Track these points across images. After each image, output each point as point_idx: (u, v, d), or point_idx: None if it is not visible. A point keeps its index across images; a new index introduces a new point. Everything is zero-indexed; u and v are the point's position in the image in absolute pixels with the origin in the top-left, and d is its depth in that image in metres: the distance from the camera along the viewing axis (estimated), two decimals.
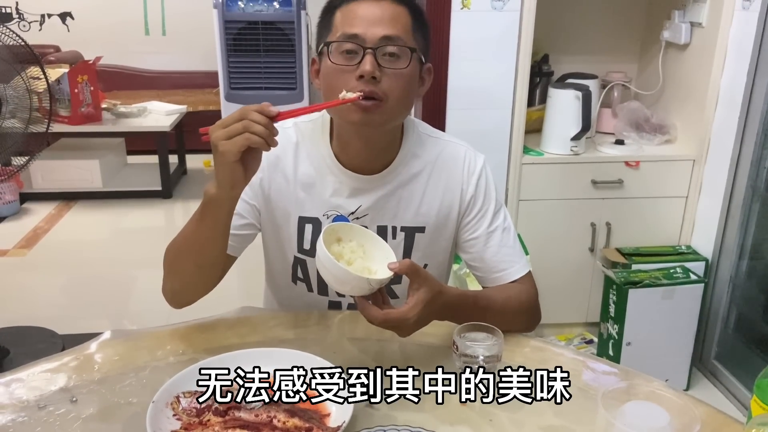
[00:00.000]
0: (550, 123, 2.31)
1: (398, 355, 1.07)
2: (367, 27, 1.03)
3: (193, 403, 0.88)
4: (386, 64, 1.04)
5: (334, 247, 1.03)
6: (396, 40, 1.04)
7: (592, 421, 0.91)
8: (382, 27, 1.04)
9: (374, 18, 1.04)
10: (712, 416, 0.91)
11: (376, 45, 1.03)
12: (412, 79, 1.09)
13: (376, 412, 0.92)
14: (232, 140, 0.91)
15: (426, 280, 0.98)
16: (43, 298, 2.92)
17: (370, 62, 1.02)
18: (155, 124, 4.01)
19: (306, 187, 1.18)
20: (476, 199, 1.20)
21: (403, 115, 1.15)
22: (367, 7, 1.05)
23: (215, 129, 0.93)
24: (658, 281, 2.16)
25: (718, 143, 2.25)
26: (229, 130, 0.91)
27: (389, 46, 1.04)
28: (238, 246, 1.22)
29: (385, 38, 1.03)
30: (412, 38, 1.07)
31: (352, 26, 1.04)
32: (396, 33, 1.04)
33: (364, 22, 1.04)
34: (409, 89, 1.09)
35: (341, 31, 1.05)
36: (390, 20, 1.05)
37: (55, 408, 0.91)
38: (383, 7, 1.05)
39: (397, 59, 1.05)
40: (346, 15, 1.06)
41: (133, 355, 1.03)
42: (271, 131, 0.93)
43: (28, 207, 3.94)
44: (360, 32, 1.03)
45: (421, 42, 1.09)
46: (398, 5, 1.06)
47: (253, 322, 1.15)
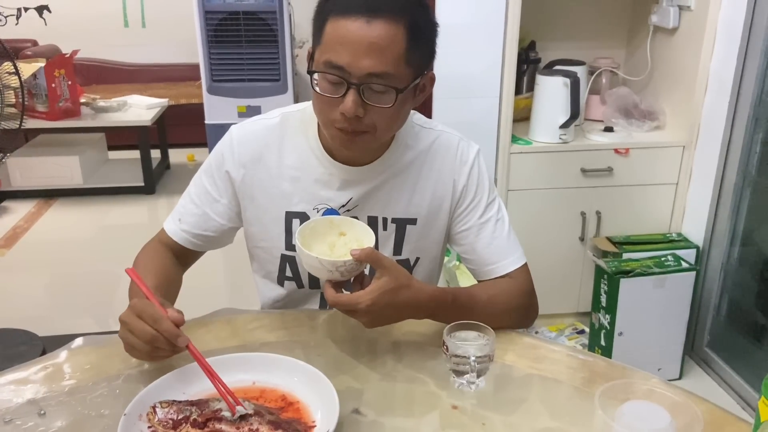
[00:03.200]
0: (538, 111, 2.27)
1: (387, 354, 1.02)
2: (354, 58, 0.94)
3: (170, 414, 0.83)
4: (371, 100, 0.97)
5: (332, 238, 1.01)
6: (382, 76, 0.95)
7: (589, 422, 0.87)
8: (369, 60, 0.94)
9: (362, 45, 0.94)
10: (713, 414, 0.87)
11: (360, 81, 0.95)
12: (399, 109, 1.01)
13: (363, 419, 0.87)
14: (134, 350, 0.91)
15: (388, 270, 0.95)
16: (23, 299, 2.85)
17: (352, 101, 0.96)
18: (136, 118, 3.93)
19: (292, 180, 1.13)
20: (468, 189, 1.15)
21: (393, 134, 1.10)
22: (358, 28, 0.94)
23: (127, 321, 0.91)
24: (649, 270, 2.13)
25: (708, 129, 2.22)
26: (135, 338, 0.90)
27: (374, 83, 0.96)
28: (204, 245, 1.20)
29: (371, 75, 0.95)
30: (405, 64, 0.96)
31: (338, 54, 0.95)
32: (383, 69, 0.95)
33: (351, 50, 0.94)
34: (396, 118, 1.03)
35: (328, 55, 0.96)
36: (380, 51, 0.94)
37: (22, 422, 0.86)
38: (374, 32, 0.94)
39: (383, 95, 0.97)
40: (336, 32, 0.95)
41: (105, 363, 0.98)
42: (175, 353, 0.92)
43: (7, 205, 3.85)
44: (345, 64, 0.94)
45: (417, 60, 0.98)
46: (393, 26, 0.94)
47: (233, 325, 1.10)
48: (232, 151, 1.14)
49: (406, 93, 0.99)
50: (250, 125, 1.16)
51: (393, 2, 0.95)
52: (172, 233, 1.18)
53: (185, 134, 4.69)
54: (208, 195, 1.16)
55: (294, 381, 0.91)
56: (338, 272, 0.94)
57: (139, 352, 0.91)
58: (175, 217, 1.19)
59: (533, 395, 0.94)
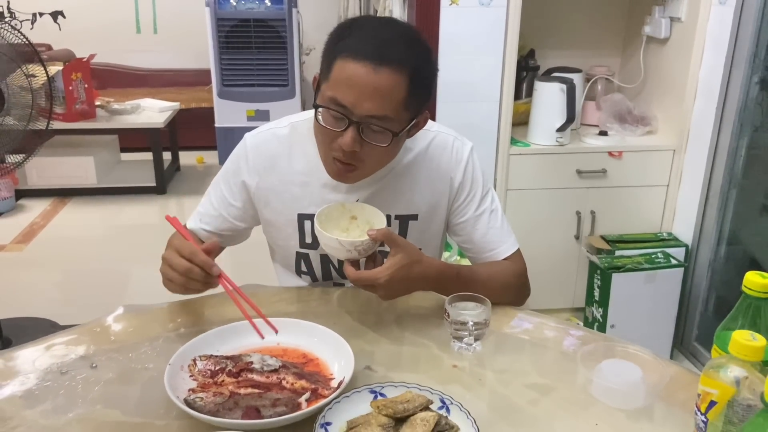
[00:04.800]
0: (536, 115, 2.40)
1: (394, 324, 1.14)
2: (358, 99, 1.02)
3: (209, 366, 0.95)
4: (368, 138, 1.06)
5: (344, 223, 1.13)
6: (382, 119, 1.04)
7: (573, 379, 1.00)
8: (372, 103, 1.02)
9: (367, 90, 1.01)
10: (680, 374, 1.00)
11: (361, 120, 1.03)
12: (393, 148, 1.12)
13: (374, 374, 1.00)
14: (172, 282, 1.06)
15: (403, 248, 1.07)
16: (41, 292, 2.97)
17: (351, 137, 1.04)
18: (149, 120, 4.06)
19: (303, 185, 1.24)
20: (464, 185, 1.26)
21: (382, 167, 1.20)
22: (365, 74, 1.01)
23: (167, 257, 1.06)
24: (640, 266, 2.25)
25: (696, 134, 2.35)
26: (173, 271, 1.04)
27: (373, 125, 1.04)
28: (224, 241, 1.30)
29: (372, 117, 1.03)
30: (404, 109, 1.05)
31: (344, 93, 1.02)
32: (383, 113, 1.03)
33: (356, 92, 1.02)
34: (389, 156, 1.15)
35: (334, 93, 1.03)
36: (382, 96, 1.02)
37: (76, 373, 0.98)
38: (380, 79, 1.01)
39: (380, 135, 1.06)
40: (344, 73, 1.02)
41: (146, 327, 1.11)
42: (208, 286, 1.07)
43: (24, 203, 3.98)
44: (349, 104, 1.02)
45: (415, 105, 1.08)
46: (397, 74, 1.02)
47: (257, 298, 1.21)
48: (246, 160, 1.24)
49: (401, 135, 1.10)
50: (263, 134, 1.26)
51: (401, 53, 1.03)
52: (193, 231, 1.28)
53: (195, 137, 4.83)
54: (224, 200, 1.27)
55: (313, 341, 1.04)
56: (356, 251, 1.07)
57: (175, 284, 1.06)
58: (196, 217, 1.30)
59: (524, 358, 1.06)
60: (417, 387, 0.91)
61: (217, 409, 0.87)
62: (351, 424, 0.86)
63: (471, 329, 1.04)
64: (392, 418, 0.86)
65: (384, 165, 1.18)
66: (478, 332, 1.05)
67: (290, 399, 0.91)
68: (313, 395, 0.92)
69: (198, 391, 0.92)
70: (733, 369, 0.68)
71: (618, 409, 0.92)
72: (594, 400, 0.94)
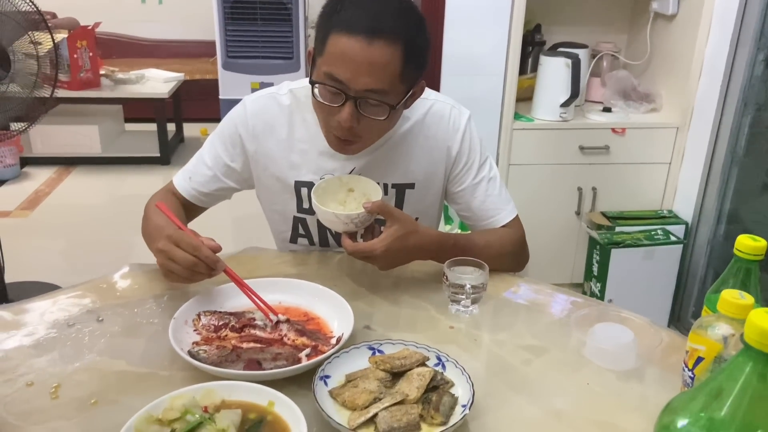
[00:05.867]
0: (540, 90, 2.40)
1: (393, 287, 1.16)
2: (354, 74, 1.02)
3: (212, 321, 0.98)
4: (366, 112, 1.06)
5: (341, 196, 1.15)
6: (378, 93, 1.04)
7: (566, 341, 1.02)
8: (368, 77, 1.02)
9: (362, 64, 1.01)
10: (673, 338, 1.02)
11: (358, 95, 1.04)
12: (391, 121, 1.13)
13: (373, 333, 1.02)
14: (174, 274, 1.00)
15: (398, 219, 1.09)
16: (45, 258, 3.01)
17: (348, 113, 1.05)
18: (153, 91, 4.06)
19: (301, 153, 1.25)
20: (461, 154, 1.27)
21: (380, 138, 1.20)
22: (360, 48, 1.01)
23: (166, 250, 0.99)
24: (639, 242, 2.27)
25: (700, 111, 2.35)
26: (175, 265, 0.99)
27: (371, 99, 1.05)
28: (209, 201, 1.31)
29: (368, 91, 1.04)
30: (399, 83, 1.06)
31: (339, 68, 1.02)
32: (380, 86, 1.03)
33: (352, 66, 1.02)
34: (387, 128, 1.15)
35: (330, 68, 1.03)
36: (378, 70, 1.02)
37: (83, 326, 1.01)
38: (375, 51, 1.01)
39: (378, 109, 1.06)
40: (338, 48, 1.02)
41: (151, 285, 1.13)
42: (212, 275, 1.02)
43: (29, 171, 4.00)
44: (345, 79, 1.02)
45: (411, 76, 1.08)
46: (391, 47, 1.02)
47: (259, 260, 1.25)
48: (245, 123, 1.25)
49: (399, 107, 1.11)
50: (263, 99, 1.26)
51: (393, 24, 1.02)
52: (181, 189, 1.29)
53: (199, 109, 4.82)
54: (220, 159, 1.27)
55: (314, 301, 1.06)
56: (353, 224, 1.08)
57: (179, 276, 1.01)
58: (185, 175, 1.30)
59: (519, 321, 1.09)
60: (414, 345, 0.93)
61: (220, 361, 0.90)
62: (349, 377, 0.89)
63: (468, 292, 1.06)
64: (389, 372, 0.88)
65: (383, 136, 1.19)
66: (475, 295, 1.08)
67: (291, 354, 0.93)
68: (313, 351, 0.94)
69: (201, 344, 0.94)
70: (721, 327, 0.70)
71: (609, 370, 0.94)
72: (586, 361, 0.97)
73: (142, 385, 0.88)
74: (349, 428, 0.79)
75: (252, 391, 0.83)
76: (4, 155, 3.81)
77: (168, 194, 1.30)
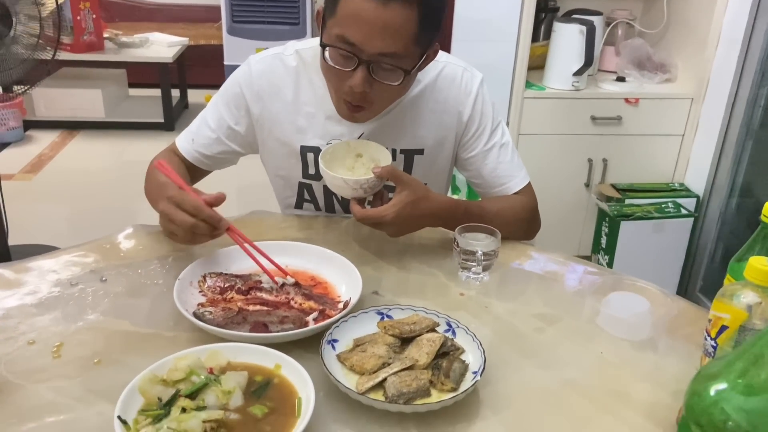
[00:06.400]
0: (553, 57, 2.34)
1: (402, 253, 1.14)
2: (367, 37, 0.97)
3: (218, 282, 0.96)
4: (379, 77, 1.02)
5: (350, 161, 1.12)
6: (393, 57, 1.00)
7: (579, 310, 1.00)
8: (381, 40, 0.98)
9: (376, 26, 0.97)
10: (688, 309, 1.00)
11: (371, 59, 1.00)
12: (404, 87, 1.08)
13: (381, 298, 1.00)
14: (176, 236, 0.98)
15: (408, 184, 1.06)
16: (48, 221, 2.99)
17: (361, 77, 1.00)
18: (157, 55, 4.00)
19: (308, 116, 1.20)
20: (473, 119, 1.23)
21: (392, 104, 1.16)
22: (374, 9, 0.96)
23: (167, 212, 0.96)
24: (649, 215, 2.24)
25: (716, 82, 2.29)
26: (176, 227, 0.96)
27: (384, 63, 1.01)
28: (212, 165, 1.27)
29: (382, 54, 0.99)
30: (414, 46, 1.01)
31: (352, 31, 0.98)
32: (395, 50, 0.99)
33: (365, 29, 0.97)
34: (400, 93, 1.11)
35: (341, 30, 0.99)
36: (392, 32, 0.98)
37: (86, 285, 0.99)
38: (389, 14, 0.96)
39: (391, 73, 1.02)
40: (351, 9, 0.97)
41: (156, 246, 1.11)
42: (216, 236, 0.99)
43: (32, 134, 3.97)
44: (358, 42, 0.98)
45: (426, 40, 1.03)
46: (407, 8, 0.97)
47: (266, 224, 1.22)
48: (250, 84, 1.20)
49: (413, 72, 1.06)
50: (269, 60, 1.21)
51: None
52: (184, 151, 1.25)
53: (203, 75, 4.75)
54: (223, 121, 1.23)
55: (321, 265, 1.04)
56: (362, 189, 1.05)
57: (181, 238, 0.98)
58: (188, 136, 1.25)
59: (531, 289, 1.06)
60: (424, 310, 0.91)
61: (226, 323, 0.88)
62: (357, 342, 0.87)
63: (480, 259, 1.04)
64: (398, 338, 0.86)
65: (395, 99, 1.15)
66: (486, 262, 1.05)
67: (298, 317, 0.91)
68: (320, 315, 0.92)
69: (207, 305, 0.92)
70: (747, 294, 0.67)
71: (623, 339, 0.92)
72: (600, 330, 0.94)
73: (146, 346, 0.87)
74: (357, 392, 0.77)
75: (258, 354, 0.81)
76: (7, 118, 3.77)
77: (171, 155, 1.26)
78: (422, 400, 0.78)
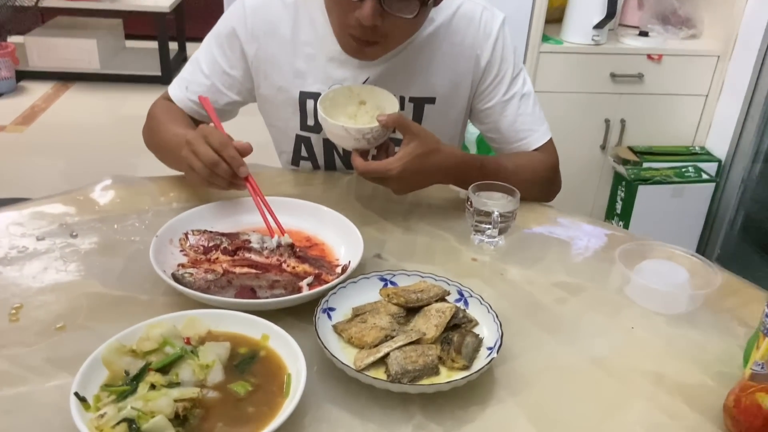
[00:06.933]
0: (572, 9, 2.19)
1: (408, 213, 1.03)
2: None
3: (201, 241, 0.85)
4: (391, 9, 0.90)
5: (352, 109, 0.99)
6: None
7: (606, 279, 0.90)
8: None
9: None
10: (729, 280, 0.89)
11: None
12: (419, 20, 0.96)
13: (384, 263, 0.90)
14: (194, 172, 0.88)
15: (418, 135, 0.94)
16: (40, 176, 2.88)
17: (371, 9, 0.88)
18: (154, 3, 3.83)
19: (307, 58, 1.08)
20: (492, 64, 1.11)
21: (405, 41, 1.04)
22: None
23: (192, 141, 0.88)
24: (668, 179, 2.12)
25: (745, 39, 2.15)
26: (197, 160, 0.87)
27: None
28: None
29: None
30: None
31: None
32: None
33: None
34: (414, 28, 0.98)
35: None
36: None
37: (53, 240, 0.89)
38: None
39: (405, 4, 0.90)
40: None
41: (135, 199, 1.00)
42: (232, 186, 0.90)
43: (25, 85, 3.83)
44: None
45: None
46: None
47: (259, 178, 1.10)
48: (245, 22, 1.08)
49: (430, 3, 0.93)
50: None
51: None
52: (178, 101, 1.12)
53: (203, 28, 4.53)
54: (217, 66, 1.10)
55: (319, 225, 0.93)
56: (365, 140, 0.93)
57: (198, 175, 0.88)
58: (181, 84, 1.13)
59: (551, 255, 0.96)
60: (432, 277, 0.81)
61: (208, 286, 0.78)
62: (357, 311, 0.77)
63: (496, 221, 0.93)
64: (403, 307, 0.76)
65: (408, 38, 1.02)
66: (503, 225, 0.94)
67: (290, 281, 0.81)
68: (315, 280, 0.82)
69: (188, 266, 0.82)
70: None
71: (657, 313, 0.82)
72: (630, 302, 0.84)
73: (117, 310, 0.77)
74: (355, 369, 0.67)
75: (244, 322, 0.71)
76: None
77: (171, 104, 1.13)
78: (430, 380, 0.68)
